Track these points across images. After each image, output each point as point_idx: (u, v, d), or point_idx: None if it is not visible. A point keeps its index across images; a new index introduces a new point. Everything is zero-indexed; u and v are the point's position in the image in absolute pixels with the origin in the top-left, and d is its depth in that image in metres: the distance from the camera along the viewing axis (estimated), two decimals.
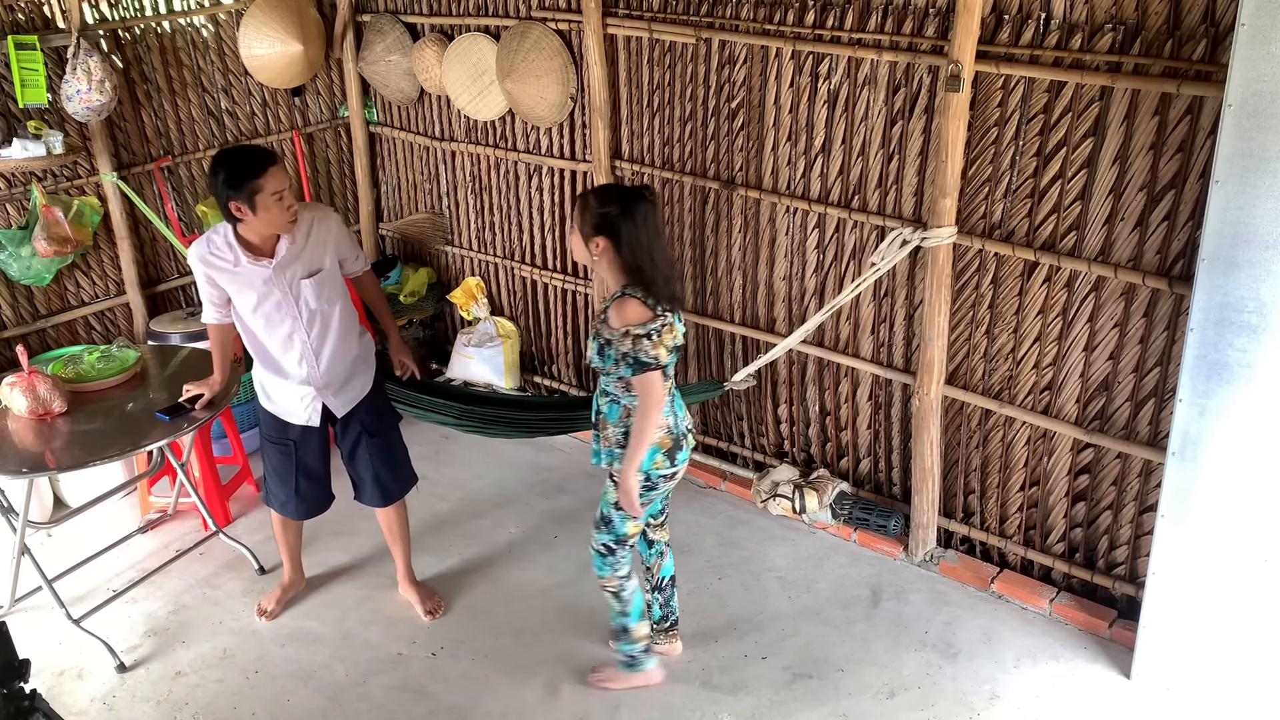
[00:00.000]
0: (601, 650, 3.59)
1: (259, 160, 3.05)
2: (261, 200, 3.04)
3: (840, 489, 4.13)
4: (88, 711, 3.39)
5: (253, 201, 3.04)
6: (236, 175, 3.02)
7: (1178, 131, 3.09)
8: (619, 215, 2.85)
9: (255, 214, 3.06)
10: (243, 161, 3.05)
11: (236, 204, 3.05)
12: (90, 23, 4.37)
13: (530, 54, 4.44)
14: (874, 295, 3.89)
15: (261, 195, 3.03)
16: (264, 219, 3.08)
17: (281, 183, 3.08)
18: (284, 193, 3.09)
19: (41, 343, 4.49)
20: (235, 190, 3.03)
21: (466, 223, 5.22)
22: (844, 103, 3.75)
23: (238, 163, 3.05)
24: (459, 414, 4.13)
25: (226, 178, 3.03)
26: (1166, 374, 3.30)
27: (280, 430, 3.54)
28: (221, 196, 3.07)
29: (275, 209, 3.08)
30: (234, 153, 3.15)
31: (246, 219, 3.08)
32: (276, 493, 3.67)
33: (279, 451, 3.58)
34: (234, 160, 3.07)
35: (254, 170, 3.02)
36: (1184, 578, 3.19)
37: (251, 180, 3.01)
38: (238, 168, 3.03)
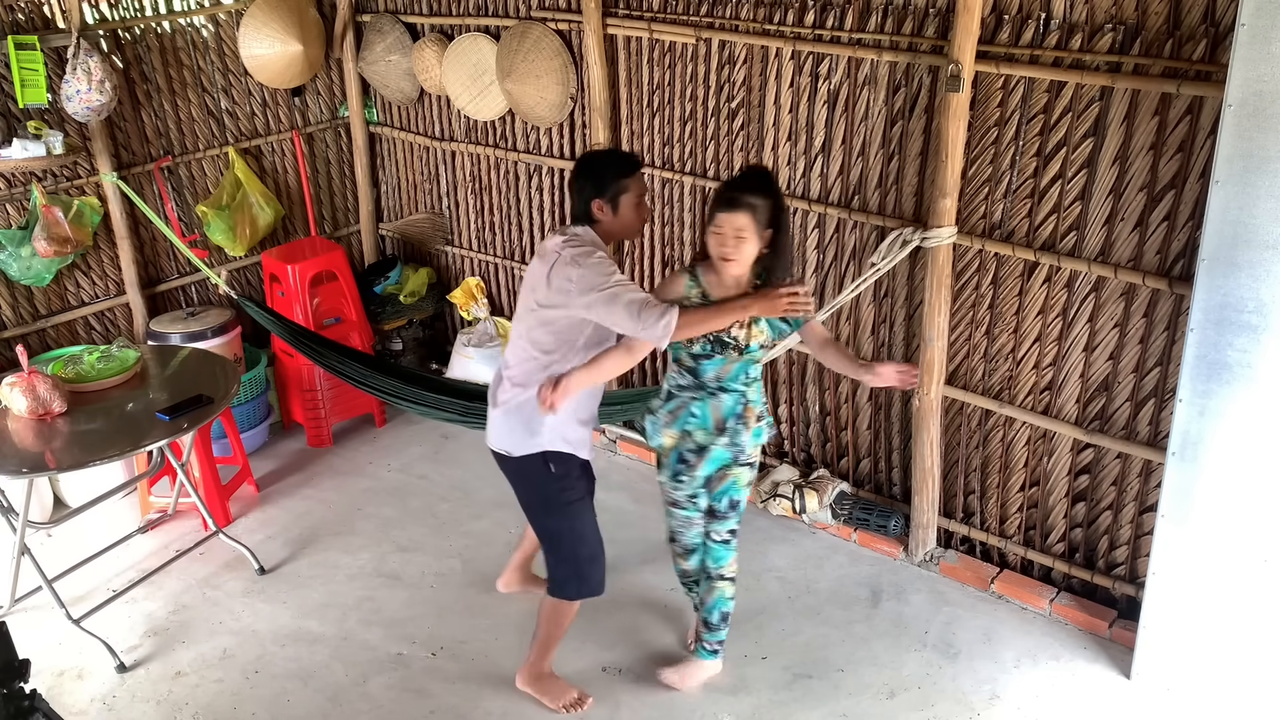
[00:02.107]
0: (602, 651, 3.59)
1: (629, 162, 3.04)
2: (625, 201, 3.00)
3: (840, 489, 4.13)
4: (88, 711, 3.39)
5: (616, 202, 2.99)
6: (605, 174, 2.99)
7: (1178, 131, 3.09)
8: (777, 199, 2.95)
9: (615, 215, 3.01)
10: (613, 162, 3.04)
11: (599, 202, 2.99)
12: (90, 23, 4.36)
13: (530, 54, 4.44)
14: (874, 295, 3.89)
15: (626, 196, 3.00)
16: (622, 220, 3.03)
17: (643, 188, 3.07)
18: (643, 199, 3.07)
19: (41, 343, 4.49)
20: (601, 188, 2.98)
21: (466, 223, 5.22)
22: (844, 103, 3.75)
23: (608, 162, 3.04)
24: (463, 411, 4.14)
25: (595, 176, 3.00)
26: (1166, 374, 3.30)
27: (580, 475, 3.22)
28: (585, 194, 3.01)
29: (634, 213, 3.04)
30: (605, 153, 3.18)
31: (605, 219, 3.02)
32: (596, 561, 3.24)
33: (586, 507, 3.24)
34: (605, 160, 3.07)
35: (624, 170, 3.00)
36: (1184, 578, 3.19)
37: (620, 180, 2.99)
38: (608, 167, 3.01)
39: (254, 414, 4.84)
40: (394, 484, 4.65)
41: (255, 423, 4.86)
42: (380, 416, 5.13)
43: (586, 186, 3.00)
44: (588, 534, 3.20)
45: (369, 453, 4.91)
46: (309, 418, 4.91)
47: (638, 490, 4.53)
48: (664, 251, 4.48)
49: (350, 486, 4.64)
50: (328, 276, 4.88)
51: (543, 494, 3.19)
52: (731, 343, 3.00)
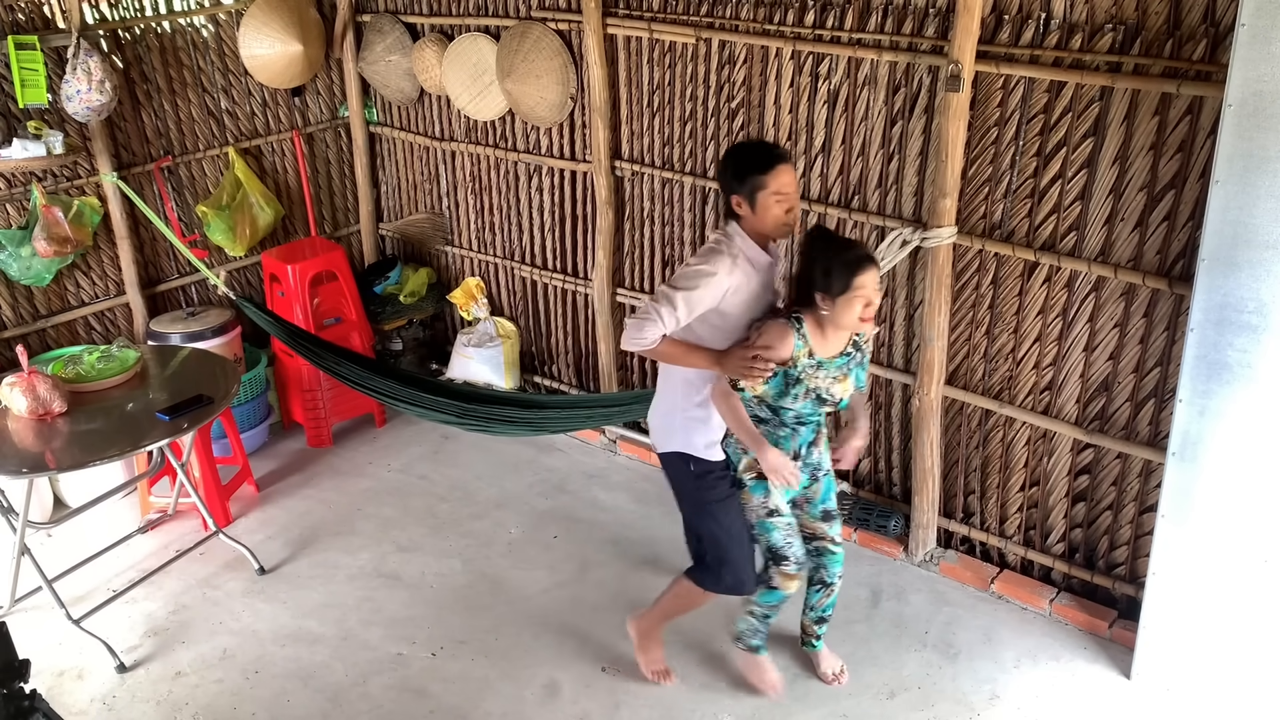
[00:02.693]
0: (602, 651, 3.59)
1: (767, 156, 2.90)
2: (762, 198, 2.87)
3: (840, 489, 4.13)
4: (88, 711, 3.39)
5: (753, 198, 2.88)
6: (741, 168, 2.89)
7: (1178, 131, 3.09)
8: None
9: (754, 211, 2.89)
10: (750, 155, 2.92)
11: (738, 198, 2.90)
12: (90, 23, 4.36)
13: (530, 54, 4.44)
14: None
15: (763, 193, 2.86)
16: (761, 218, 2.90)
17: (786, 183, 2.88)
18: (787, 195, 2.89)
19: (41, 343, 4.49)
20: (738, 183, 2.89)
21: (466, 223, 5.22)
22: (844, 103, 3.75)
23: (745, 155, 2.93)
24: (460, 412, 4.14)
25: (732, 169, 2.91)
26: (1166, 374, 3.30)
27: (723, 472, 3.14)
28: (725, 188, 2.95)
29: (775, 209, 2.88)
30: (744, 146, 3.05)
31: (744, 215, 2.92)
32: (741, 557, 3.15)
33: (726, 509, 3.13)
34: (742, 153, 2.96)
35: (760, 165, 2.87)
36: (1184, 578, 3.19)
37: (756, 175, 2.86)
38: (744, 160, 2.90)
39: (254, 414, 4.84)
40: (394, 484, 4.65)
41: (255, 423, 4.86)
42: (380, 417, 5.13)
43: (725, 179, 2.93)
44: (724, 537, 3.11)
45: (369, 453, 4.91)
46: (309, 418, 4.91)
47: (638, 490, 4.54)
48: (664, 252, 4.48)
49: (350, 486, 4.64)
50: (328, 276, 4.88)
51: (684, 489, 3.17)
52: (829, 399, 2.97)
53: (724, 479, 3.13)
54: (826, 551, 3.25)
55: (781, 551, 3.10)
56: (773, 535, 3.09)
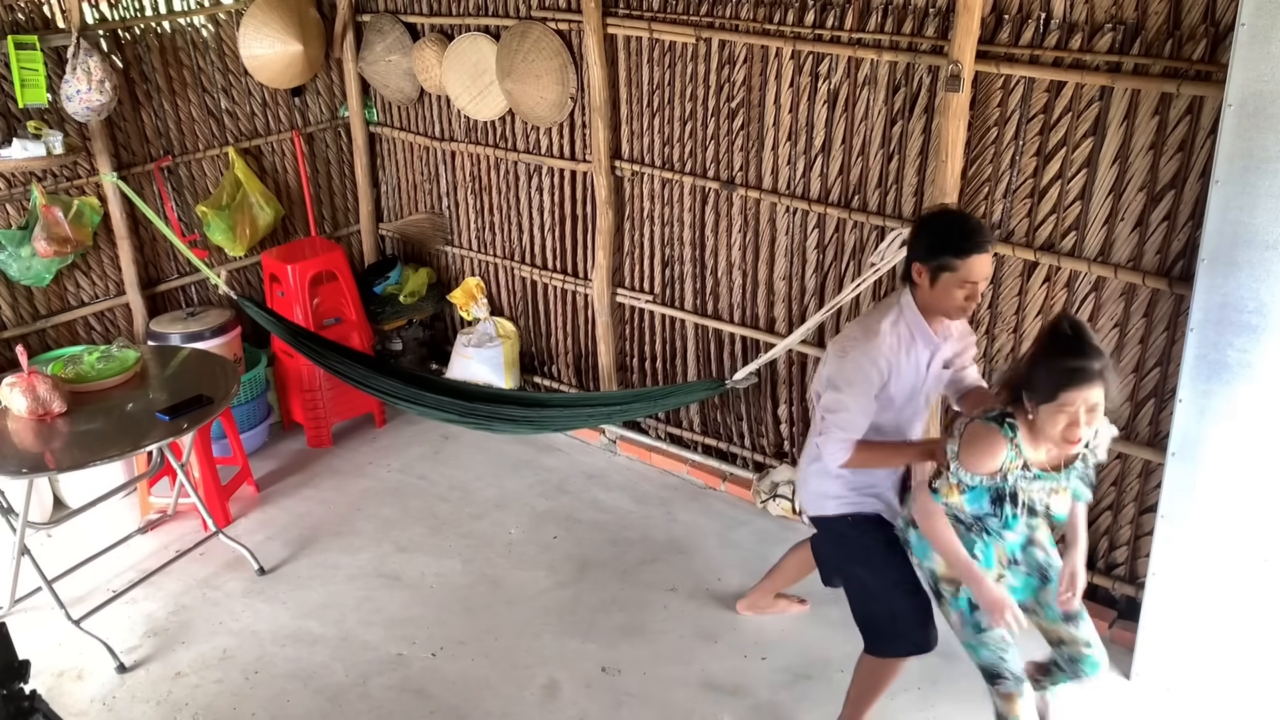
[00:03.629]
0: (602, 651, 3.59)
1: (966, 240, 2.63)
2: (946, 280, 2.65)
3: None
4: (88, 712, 3.39)
5: (937, 276, 2.66)
6: (937, 243, 2.66)
7: (1178, 131, 3.09)
8: None
9: (933, 288, 2.68)
10: (950, 232, 2.67)
11: (920, 267, 2.69)
12: (90, 23, 4.36)
13: (530, 54, 4.44)
14: (874, 295, 3.89)
15: (950, 275, 2.64)
16: (939, 298, 2.69)
17: (979, 272, 2.63)
18: (976, 285, 2.65)
19: (41, 343, 4.49)
20: (927, 254, 2.67)
21: (466, 223, 5.22)
22: (844, 103, 3.75)
23: (945, 230, 2.69)
24: (463, 411, 4.14)
25: (926, 239, 2.70)
26: (1166, 374, 3.30)
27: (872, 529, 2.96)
28: (913, 250, 2.72)
29: (956, 295, 2.66)
30: (947, 218, 2.77)
31: (921, 288, 2.71)
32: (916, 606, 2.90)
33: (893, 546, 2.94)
34: (942, 226, 2.71)
35: (957, 247, 2.62)
36: (1184, 578, 3.19)
37: (948, 256, 2.63)
38: (942, 235, 2.67)
39: (254, 414, 4.84)
40: (394, 484, 4.65)
41: (255, 423, 4.86)
42: (380, 416, 5.13)
43: (918, 243, 2.72)
44: (890, 586, 2.90)
45: (369, 453, 4.91)
46: (309, 418, 4.91)
47: (638, 490, 4.54)
48: (664, 252, 4.48)
49: (350, 486, 4.64)
50: (328, 276, 4.88)
51: (844, 548, 3.00)
52: (1042, 510, 2.65)
53: (883, 523, 2.94)
54: (1080, 658, 2.81)
55: (995, 669, 2.75)
56: (981, 654, 2.76)
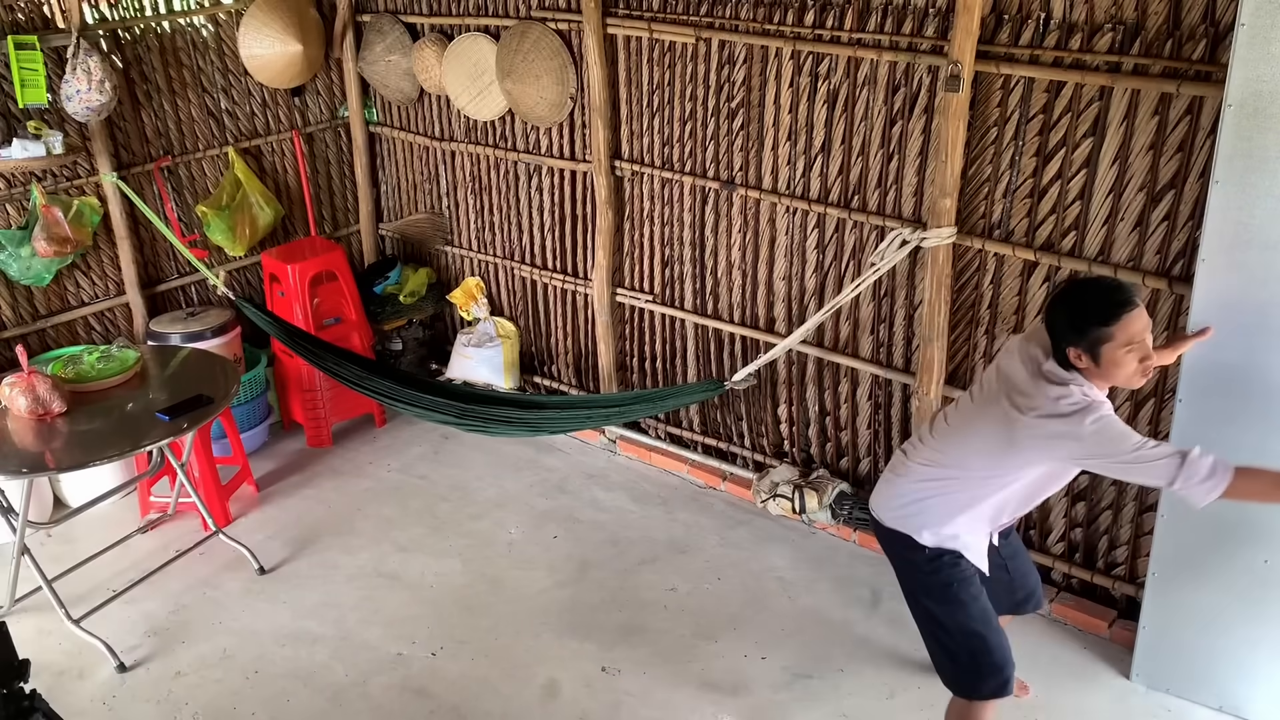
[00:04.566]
0: (602, 651, 3.59)
1: (1109, 302, 2.41)
2: (1109, 352, 2.41)
3: (840, 489, 4.13)
4: (88, 711, 3.39)
5: (1096, 352, 2.42)
6: (1079, 318, 2.42)
7: (1178, 131, 3.09)
8: None
9: (1098, 365, 2.43)
10: (1089, 301, 2.44)
11: (1076, 351, 2.44)
12: (90, 23, 4.36)
13: (530, 54, 4.44)
14: (874, 295, 3.89)
15: (1110, 346, 2.40)
16: (1109, 372, 2.44)
17: (1136, 331, 2.40)
18: (1138, 344, 2.41)
19: (41, 343, 4.49)
20: (1076, 334, 2.43)
21: (466, 223, 5.22)
22: (844, 103, 3.75)
23: (1082, 302, 2.45)
24: (460, 413, 4.14)
25: (1066, 318, 2.45)
26: (1166, 374, 3.30)
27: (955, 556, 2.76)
28: (1060, 336, 2.47)
29: (1127, 362, 2.41)
30: (1082, 287, 2.55)
31: (1087, 369, 2.46)
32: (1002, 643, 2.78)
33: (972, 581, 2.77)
34: (1079, 297, 2.48)
35: (1102, 315, 2.39)
36: (1184, 578, 3.19)
37: (1098, 327, 2.40)
38: (1082, 308, 2.43)
39: (254, 414, 4.84)
40: (394, 484, 4.65)
41: (255, 423, 4.86)
42: (380, 417, 5.13)
43: (1060, 326, 2.47)
44: (975, 623, 2.74)
45: (369, 453, 4.91)
46: (309, 418, 4.91)
47: (638, 490, 4.54)
48: (664, 252, 4.48)
49: (350, 486, 4.64)
50: (328, 276, 4.88)
51: (918, 581, 2.81)
52: None
53: (960, 559, 2.74)
54: None
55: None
56: None
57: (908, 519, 2.77)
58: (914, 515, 2.76)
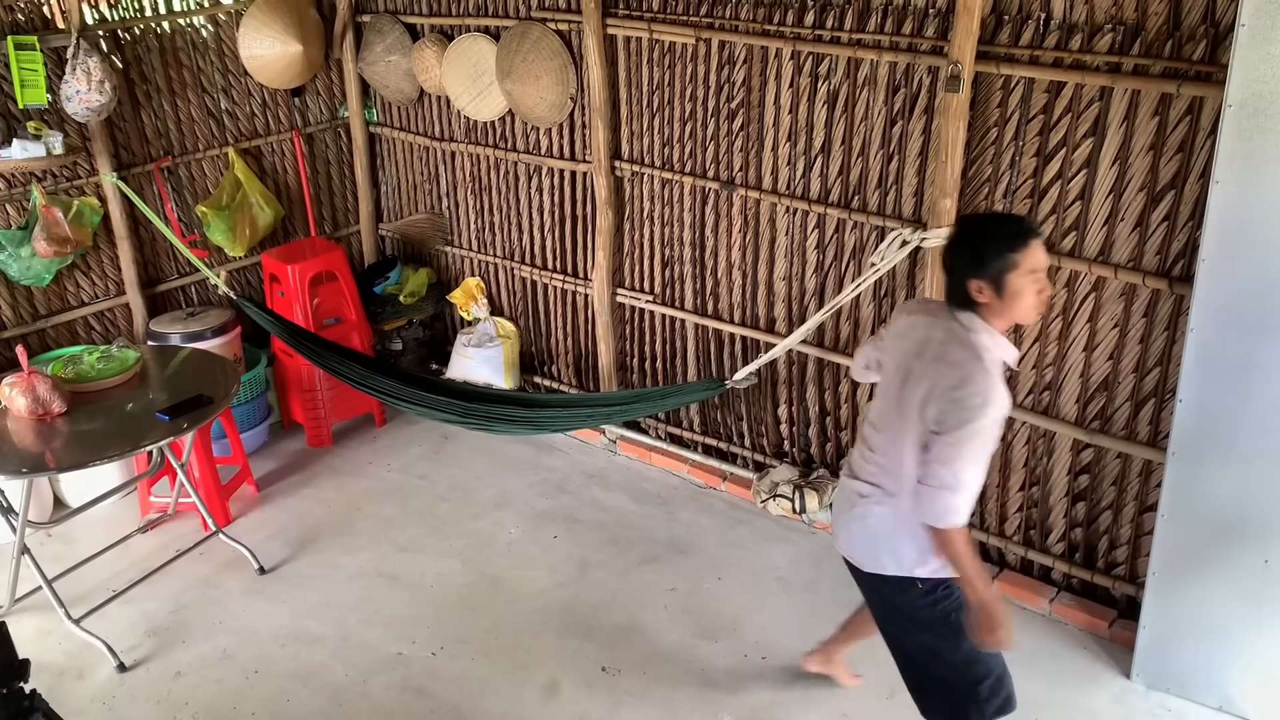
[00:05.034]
0: (602, 651, 3.59)
1: (1017, 230, 2.46)
2: (1014, 281, 2.43)
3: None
4: (88, 711, 3.39)
5: (1001, 282, 2.43)
6: (984, 247, 2.45)
7: (1178, 131, 3.09)
8: None
9: (1001, 297, 2.45)
10: (995, 230, 2.50)
11: (978, 283, 2.46)
12: (90, 23, 4.36)
13: (530, 54, 4.44)
14: (874, 295, 3.89)
15: (1014, 274, 2.43)
16: (1011, 305, 2.46)
17: (1039, 260, 2.45)
18: (1039, 274, 2.46)
19: (41, 343, 4.49)
20: (979, 267, 2.45)
21: (466, 223, 5.22)
22: (844, 103, 3.75)
23: (988, 231, 2.50)
24: (463, 411, 4.14)
25: (971, 249, 2.48)
26: (1166, 374, 3.30)
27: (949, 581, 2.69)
28: (961, 271, 2.49)
29: (1027, 291, 2.45)
30: (984, 219, 2.67)
31: (989, 304, 2.47)
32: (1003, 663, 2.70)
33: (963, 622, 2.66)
34: (983, 228, 2.54)
35: (1010, 241, 2.43)
36: (1184, 578, 3.19)
37: (1006, 254, 2.43)
38: (988, 237, 2.47)
39: (254, 414, 4.84)
40: (394, 484, 4.65)
41: (255, 423, 4.86)
42: (380, 416, 5.13)
43: (961, 262, 2.50)
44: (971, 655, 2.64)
45: (369, 453, 4.91)
46: (309, 418, 4.91)
47: (638, 490, 4.54)
48: (664, 252, 4.48)
49: (350, 486, 4.64)
50: (328, 277, 4.88)
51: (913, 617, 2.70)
52: None
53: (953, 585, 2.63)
54: None
55: None
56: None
57: (894, 560, 2.64)
58: (897, 552, 2.63)
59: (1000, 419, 2.44)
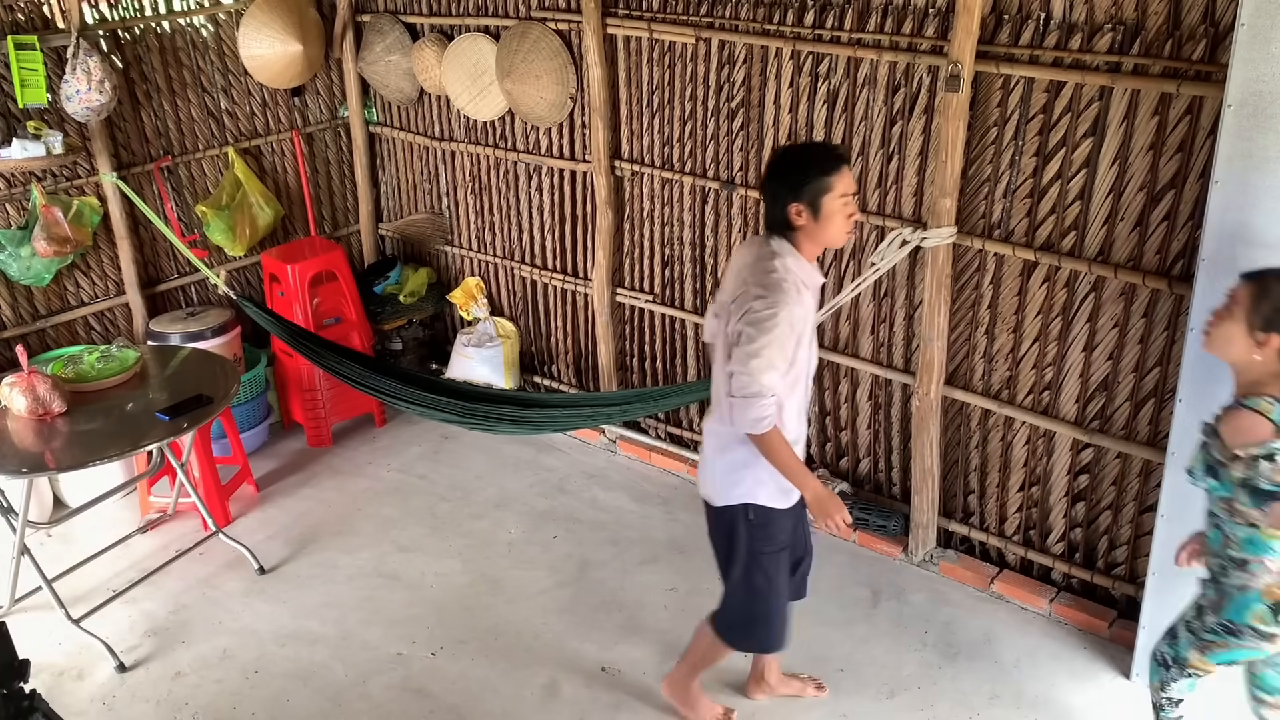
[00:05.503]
0: (602, 651, 3.59)
1: (829, 156, 2.66)
2: (828, 203, 2.61)
3: (840, 489, 4.13)
4: (88, 711, 3.39)
5: (817, 205, 2.61)
6: (801, 172, 2.62)
7: (1178, 131, 3.09)
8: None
9: (817, 219, 2.62)
10: (810, 157, 2.67)
11: (797, 206, 2.62)
12: (90, 23, 4.36)
13: (530, 54, 4.44)
14: (874, 295, 3.89)
15: (829, 197, 2.60)
16: (825, 227, 2.63)
17: (849, 184, 2.64)
18: (851, 198, 2.65)
19: (41, 343, 4.49)
20: (795, 190, 2.61)
21: (466, 223, 5.22)
22: (844, 103, 3.75)
23: (804, 158, 2.67)
24: (462, 411, 4.14)
25: (790, 175, 2.63)
26: (1166, 374, 3.30)
27: (785, 527, 2.92)
28: (779, 197, 2.64)
29: (839, 215, 2.63)
30: (799, 148, 2.80)
31: (805, 226, 2.64)
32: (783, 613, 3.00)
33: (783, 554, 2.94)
34: (799, 155, 2.70)
35: (824, 165, 2.61)
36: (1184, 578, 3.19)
37: (821, 177, 2.59)
38: (804, 163, 2.64)
39: (254, 414, 4.84)
40: (394, 484, 4.65)
41: (255, 423, 4.86)
42: (380, 416, 5.13)
43: (781, 189, 2.64)
44: (769, 591, 2.92)
45: (369, 453, 4.91)
46: (309, 418, 4.91)
47: (638, 490, 4.54)
48: (664, 252, 4.48)
49: (350, 486, 4.64)
50: (327, 276, 4.88)
51: (739, 543, 2.90)
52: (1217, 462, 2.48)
53: (782, 528, 2.90)
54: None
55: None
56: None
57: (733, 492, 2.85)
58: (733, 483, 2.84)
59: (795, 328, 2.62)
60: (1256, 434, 2.38)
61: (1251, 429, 2.39)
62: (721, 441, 2.83)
